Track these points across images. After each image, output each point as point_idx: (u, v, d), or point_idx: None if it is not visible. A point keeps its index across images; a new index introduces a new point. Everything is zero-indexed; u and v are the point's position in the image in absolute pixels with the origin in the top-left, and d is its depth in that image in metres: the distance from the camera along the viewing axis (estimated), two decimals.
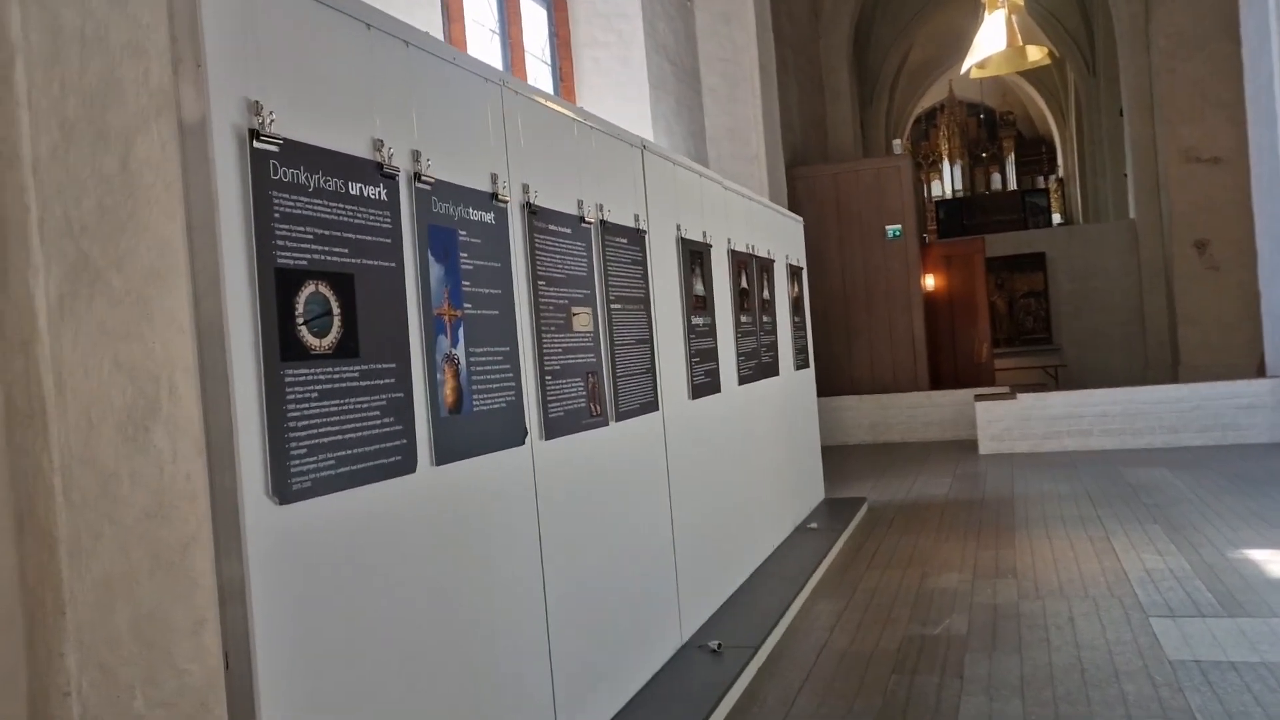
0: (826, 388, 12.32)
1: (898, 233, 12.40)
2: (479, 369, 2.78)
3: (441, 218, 2.66)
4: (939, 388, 12.60)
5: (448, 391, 2.62)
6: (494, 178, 2.96)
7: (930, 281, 13.44)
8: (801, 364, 7.20)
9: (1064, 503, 7.44)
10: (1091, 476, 8.54)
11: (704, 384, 4.75)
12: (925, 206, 24.69)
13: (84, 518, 2.29)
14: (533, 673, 2.98)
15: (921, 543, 6.44)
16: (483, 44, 6.84)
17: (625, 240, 3.92)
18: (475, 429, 2.74)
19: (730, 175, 9.04)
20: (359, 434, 2.25)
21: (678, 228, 4.58)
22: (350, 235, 2.27)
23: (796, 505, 6.68)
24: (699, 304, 4.78)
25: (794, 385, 6.91)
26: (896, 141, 13.55)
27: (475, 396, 2.75)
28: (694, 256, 4.76)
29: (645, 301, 4.06)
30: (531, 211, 3.17)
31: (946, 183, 29.69)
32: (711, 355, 4.91)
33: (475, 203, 2.84)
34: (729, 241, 5.43)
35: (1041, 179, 29.48)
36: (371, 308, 2.33)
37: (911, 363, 12.48)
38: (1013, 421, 10.39)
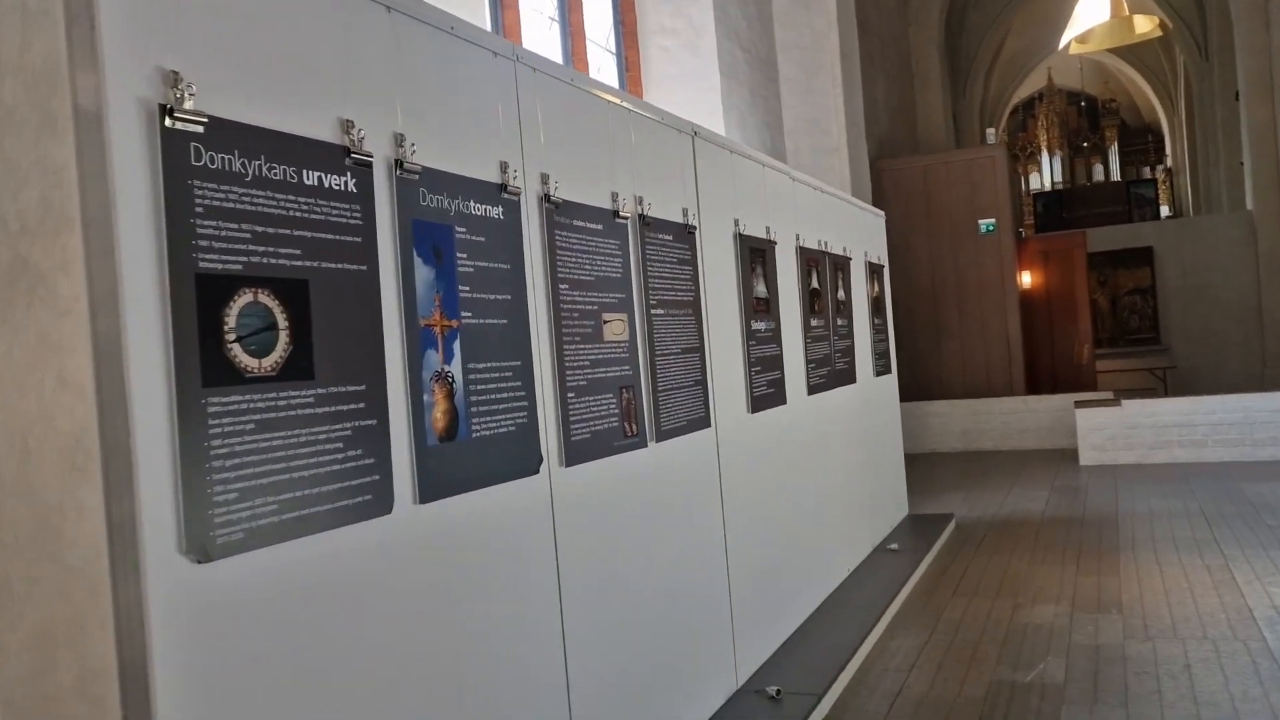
0: (914, 392, 11.69)
1: (991, 227, 11.69)
2: (480, 387, 2.39)
3: (432, 212, 2.28)
4: (1036, 392, 11.84)
5: (438, 415, 2.24)
6: (504, 166, 2.57)
7: (1027, 278, 12.67)
8: (882, 369, 6.67)
9: (1175, 522, 6.76)
10: (1206, 492, 7.79)
11: (766, 395, 4.30)
12: (1021, 199, 23.63)
13: (16, 559, 1.97)
14: None
15: (1014, 566, 5.86)
16: (540, 32, 6.48)
17: (670, 237, 3.49)
18: (474, 458, 2.35)
19: (809, 168, 8.54)
20: (313, 471, 1.87)
21: (735, 223, 4.14)
22: (305, 233, 1.90)
23: (875, 524, 6.16)
24: (760, 307, 4.33)
25: (873, 393, 6.39)
26: (990, 130, 12.80)
27: (475, 420, 2.36)
28: (755, 255, 4.31)
29: (695, 306, 3.64)
30: (552, 205, 2.77)
31: (1045, 175, 28.43)
32: (775, 363, 4.45)
33: (478, 195, 2.45)
34: (798, 238, 4.96)
35: (1148, 169, 28.03)
36: (333, 320, 1.95)
37: (1006, 365, 11.75)
38: (1117, 430, 9.63)
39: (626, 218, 3.17)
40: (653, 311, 3.31)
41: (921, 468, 10.07)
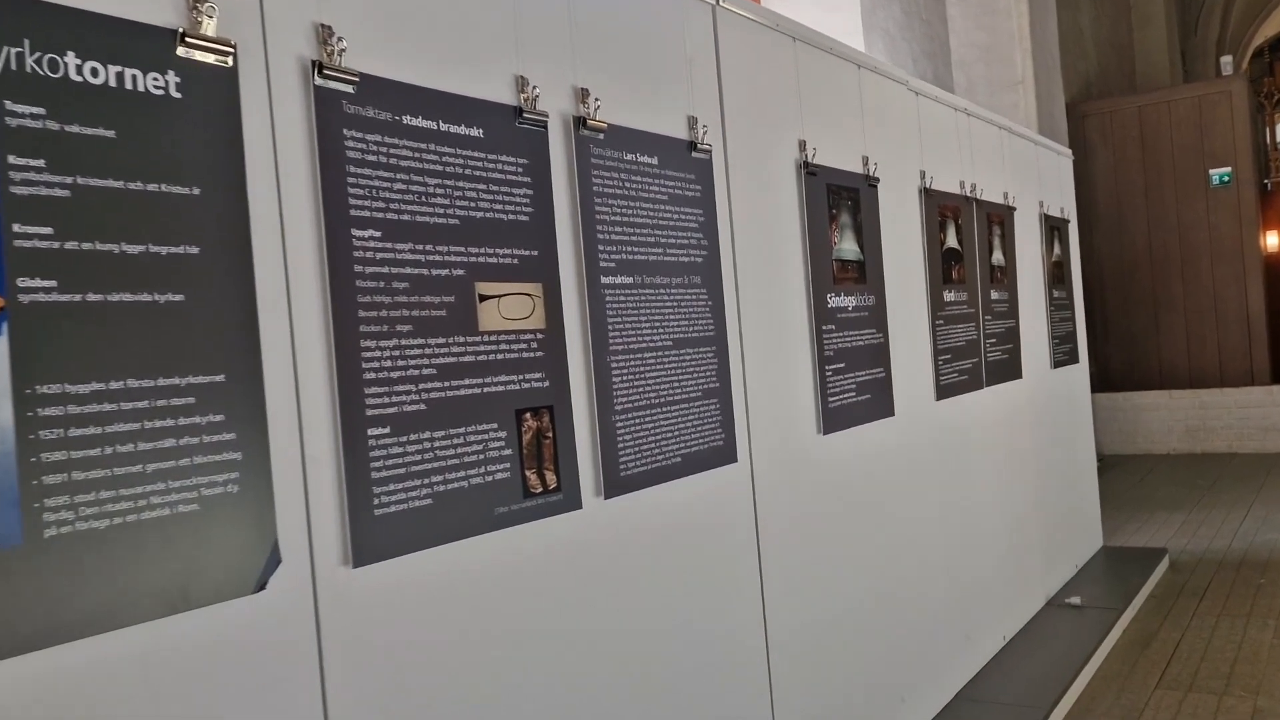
0: (1125, 380, 9.71)
1: (1226, 178, 9.49)
2: (77, 433, 1.18)
3: None
4: None
5: None
6: (191, 1, 1.34)
7: (1273, 240, 10.33)
8: (1065, 358, 5.03)
9: None
10: None
11: (853, 405, 2.89)
12: (1268, 147, 20.27)
13: None
14: None
15: (1253, 638, 4.15)
16: None
17: (654, 160, 2.16)
18: (49, 582, 1.14)
19: (986, 105, 6.85)
20: None
21: (800, 147, 2.74)
22: None
23: (1050, 567, 4.57)
24: (847, 274, 2.91)
25: (1050, 390, 4.78)
26: (1226, 59, 10.50)
27: (53, 502, 1.15)
28: (838, 196, 2.89)
29: (708, 272, 2.29)
30: (333, 79, 1.51)
31: None
32: (875, 356, 3.03)
33: (97, 48, 1.23)
34: (923, 176, 3.49)
35: None
36: None
37: (1245, 347, 9.53)
38: None
39: (540, 120, 1.86)
40: (606, 280, 2.00)
41: (1132, 475, 8.18)
